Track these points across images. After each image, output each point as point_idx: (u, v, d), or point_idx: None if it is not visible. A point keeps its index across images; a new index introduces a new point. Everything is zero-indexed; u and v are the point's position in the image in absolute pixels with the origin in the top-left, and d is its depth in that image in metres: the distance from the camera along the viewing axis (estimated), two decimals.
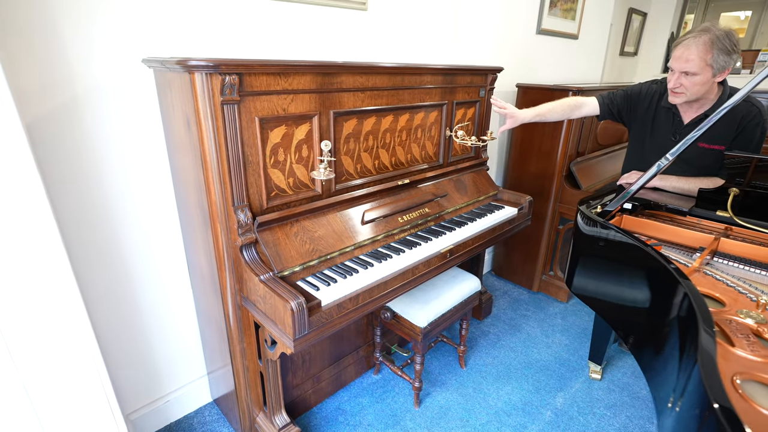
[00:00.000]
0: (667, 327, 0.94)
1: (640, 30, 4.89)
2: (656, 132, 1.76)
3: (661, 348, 0.93)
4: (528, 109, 1.92)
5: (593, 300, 1.42)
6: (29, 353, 1.00)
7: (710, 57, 1.46)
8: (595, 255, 1.41)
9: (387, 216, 1.62)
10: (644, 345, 1.08)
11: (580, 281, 1.48)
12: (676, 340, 0.86)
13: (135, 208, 1.45)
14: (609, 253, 1.33)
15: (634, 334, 1.17)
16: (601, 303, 1.39)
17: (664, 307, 0.98)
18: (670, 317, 0.93)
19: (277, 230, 1.33)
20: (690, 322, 0.81)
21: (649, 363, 1.01)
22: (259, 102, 1.22)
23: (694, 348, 0.73)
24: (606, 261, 1.35)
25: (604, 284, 1.36)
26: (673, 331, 0.90)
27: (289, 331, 1.15)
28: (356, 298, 1.31)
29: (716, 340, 0.90)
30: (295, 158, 1.37)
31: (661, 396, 0.86)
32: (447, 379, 2.02)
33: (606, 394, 1.94)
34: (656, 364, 0.94)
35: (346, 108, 1.46)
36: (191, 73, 1.10)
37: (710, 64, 1.48)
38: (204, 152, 1.17)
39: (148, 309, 1.59)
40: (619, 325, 1.28)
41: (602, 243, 1.34)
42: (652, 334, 1.03)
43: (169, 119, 1.33)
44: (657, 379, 0.91)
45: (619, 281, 1.29)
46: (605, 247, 1.33)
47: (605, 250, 1.33)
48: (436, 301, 1.73)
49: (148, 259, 1.53)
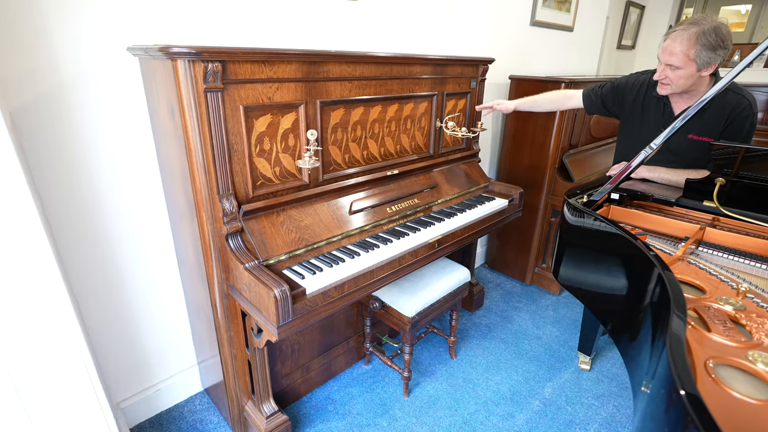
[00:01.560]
0: (642, 313, 0.94)
1: (638, 23, 4.86)
2: (646, 123, 1.76)
3: (636, 333, 0.94)
4: (519, 99, 1.98)
5: (577, 289, 1.43)
6: (11, 342, 1.01)
7: (693, 52, 1.45)
8: (579, 244, 1.42)
9: (375, 206, 1.63)
10: (622, 331, 1.09)
11: (566, 271, 1.49)
12: (650, 324, 0.86)
13: (123, 198, 1.45)
14: (591, 242, 1.33)
15: (613, 320, 1.18)
16: (584, 292, 1.40)
17: (641, 293, 0.99)
18: (645, 303, 0.94)
19: (263, 219, 1.34)
20: (663, 306, 0.81)
21: (625, 349, 1.02)
22: (244, 90, 1.22)
23: (665, 331, 0.74)
24: (589, 250, 1.36)
25: (586, 273, 1.37)
26: (647, 316, 0.90)
27: (273, 319, 1.16)
28: (342, 286, 1.32)
29: (693, 326, 0.91)
30: (281, 147, 1.37)
31: (635, 380, 0.87)
32: (437, 369, 2.03)
33: (594, 385, 1.96)
34: (632, 349, 0.95)
35: (333, 97, 1.46)
36: (174, 60, 1.09)
37: (693, 59, 1.47)
38: (188, 140, 1.18)
39: (138, 298, 1.60)
40: (600, 313, 1.29)
41: (585, 232, 1.35)
42: (628, 320, 1.04)
43: (155, 108, 1.32)
44: (632, 364, 0.92)
45: (600, 269, 1.30)
46: (588, 235, 1.34)
47: (588, 239, 1.34)
48: (425, 291, 1.73)
49: (136, 248, 1.53)
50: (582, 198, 1.52)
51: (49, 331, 1.06)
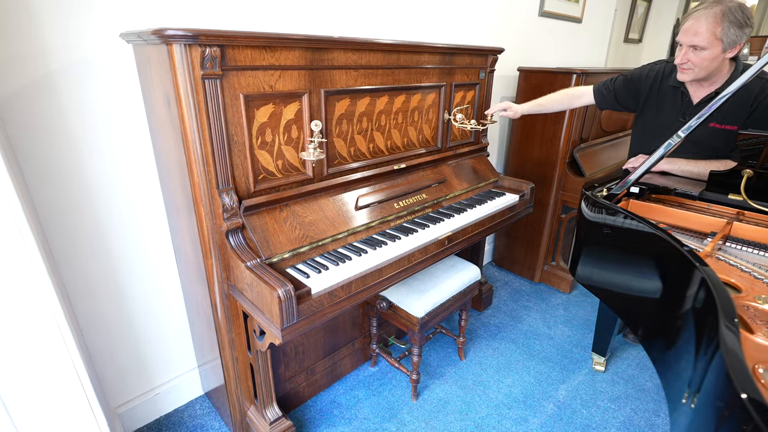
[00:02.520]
0: (680, 318, 0.87)
1: (645, 16, 4.77)
2: (663, 114, 1.68)
3: (674, 340, 0.86)
4: (526, 103, 1.91)
5: (599, 289, 1.35)
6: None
7: (720, 30, 1.38)
8: (601, 241, 1.34)
9: (382, 201, 1.55)
10: (655, 337, 1.01)
11: (585, 270, 1.41)
12: (692, 332, 0.78)
13: (118, 193, 1.38)
14: (617, 239, 1.25)
15: (644, 325, 1.10)
16: (608, 292, 1.32)
17: (678, 296, 0.91)
18: (685, 308, 0.86)
19: (265, 215, 1.27)
20: (708, 313, 0.74)
21: (660, 356, 0.94)
22: (244, 78, 1.15)
23: (713, 340, 0.66)
24: (613, 247, 1.28)
25: (611, 273, 1.29)
26: (687, 322, 0.82)
27: (277, 320, 1.09)
28: (348, 285, 1.24)
29: None
30: (284, 139, 1.30)
31: (673, 391, 0.80)
32: (446, 371, 1.96)
33: (610, 386, 1.88)
34: (668, 357, 0.87)
35: (338, 87, 1.39)
36: (169, 45, 1.02)
37: (720, 38, 1.39)
38: (185, 131, 1.10)
39: (135, 298, 1.53)
40: (628, 316, 1.21)
41: (609, 228, 1.27)
42: (663, 325, 0.96)
43: (150, 97, 1.25)
44: (669, 373, 0.85)
45: (627, 269, 1.22)
46: (613, 232, 1.26)
47: (613, 235, 1.26)
48: (434, 290, 1.66)
49: (132, 245, 1.47)
50: (601, 191, 1.44)
51: (34, 334, 0.99)
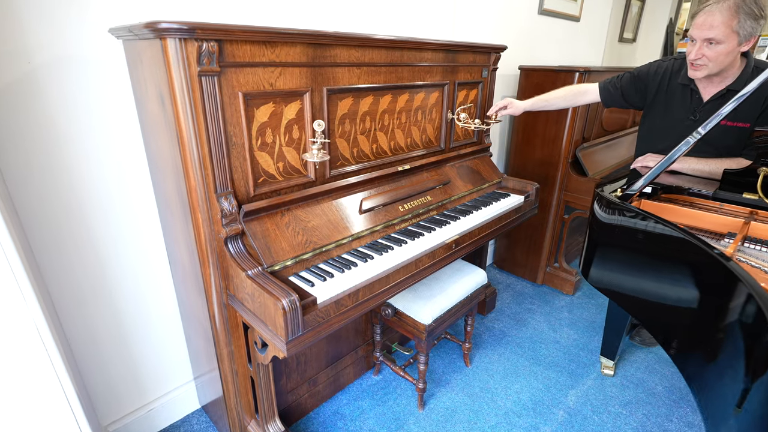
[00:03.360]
0: (721, 332, 0.81)
1: (639, 16, 4.78)
2: (671, 112, 1.64)
3: (714, 356, 0.80)
4: (528, 99, 1.87)
5: (617, 294, 1.30)
6: None
7: (736, 23, 1.34)
8: (618, 244, 1.29)
9: (386, 204, 1.49)
10: (690, 350, 0.95)
11: (599, 273, 1.36)
12: (738, 349, 0.73)
13: (108, 198, 1.31)
14: (638, 242, 1.20)
15: (674, 336, 1.04)
16: (630, 299, 1.26)
17: (718, 309, 0.85)
18: (727, 321, 0.81)
19: (266, 220, 1.20)
20: (760, 330, 0.68)
21: (696, 372, 0.88)
22: (243, 75, 1.08)
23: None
24: (634, 251, 1.23)
25: (632, 277, 1.23)
26: (731, 337, 0.77)
27: (281, 333, 1.02)
28: (356, 294, 1.18)
29: None
30: (284, 140, 1.23)
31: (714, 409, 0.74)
32: (452, 378, 1.90)
33: (620, 391, 1.84)
34: (707, 373, 0.82)
35: (341, 85, 1.33)
36: (163, 39, 0.95)
37: (736, 31, 1.36)
38: (180, 131, 1.03)
39: (126, 309, 1.45)
40: (654, 326, 1.15)
41: (628, 231, 1.22)
42: (700, 338, 0.90)
43: (142, 96, 1.18)
44: (709, 391, 0.79)
45: (651, 274, 1.16)
46: (634, 235, 1.21)
47: (633, 238, 1.21)
48: (441, 296, 1.60)
49: (124, 253, 1.39)
50: (615, 192, 1.40)
51: (16, 349, 0.91)
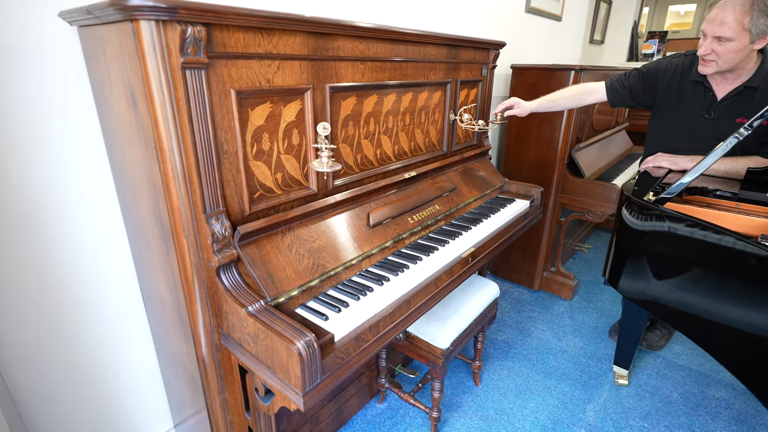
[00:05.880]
0: None
1: (606, 18, 4.88)
2: (684, 110, 1.58)
3: None
4: (534, 100, 1.78)
5: (657, 306, 1.19)
6: None
7: (749, 20, 1.29)
8: (661, 253, 1.18)
9: (395, 217, 1.33)
10: None
11: (632, 283, 1.26)
12: None
13: (62, 222, 1.06)
14: (687, 252, 1.10)
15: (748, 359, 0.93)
16: (675, 313, 1.15)
17: None
18: None
19: (265, 243, 1.00)
20: None
21: None
22: (236, 68, 0.89)
23: None
24: (683, 262, 1.12)
25: (684, 292, 1.12)
26: None
27: (297, 384, 0.83)
28: (376, 325, 1.01)
29: None
30: (283, 147, 1.05)
31: None
32: (462, 400, 1.75)
33: (637, 402, 1.76)
34: None
35: (344, 82, 1.15)
36: (134, 22, 0.75)
37: (748, 29, 1.30)
38: (159, 139, 0.82)
39: (89, 354, 1.20)
40: (716, 347, 1.04)
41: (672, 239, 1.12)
42: None
43: (105, 96, 0.96)
44: None
45: (704, 288, 1.06)
46: (680, 244, 1.10)
47: (680, 247, 1.11)
48: (457, 315, 1.45)
49: (86, 287, 1.14)
50: (646, 195, 1.30)
51: None
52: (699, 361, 2.00)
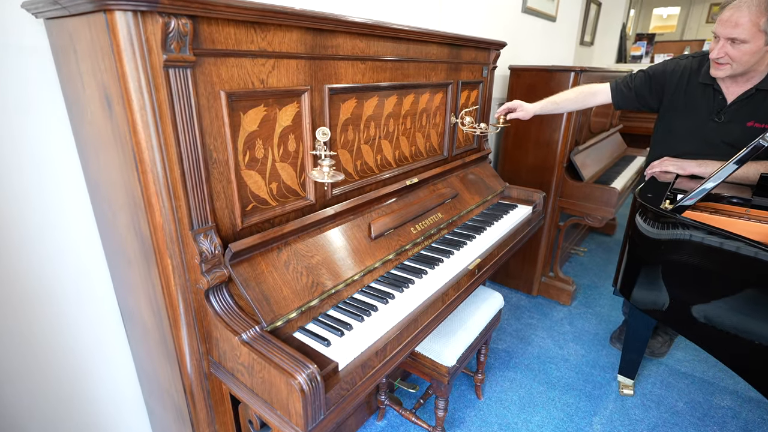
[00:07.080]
0: None
1: (596, 20, 4.89)
2: (692, 113, 1.54)
3: None
4: (538, 102, 1.72)
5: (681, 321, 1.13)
6: None
7: (764, 21, 1.24)
8: (680, 263, 1.12)
9: (398, 227, 1.25)
10: None
11: (646, 294, 1.20)
12: None
13: (32, 239, 0.95)
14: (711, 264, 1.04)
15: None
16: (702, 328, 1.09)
17: None
18: None
19: (259, 260, 0.91)
20: None
21: None
22: (226, 67, 0.80)
23: None
24: (705, 275, 1.07)
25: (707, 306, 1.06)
26: None
27: (299, 421, 0.74)
28: (383, 349, 0.92)
29: None
30: (278, 154, 0.95)
31: None
32: (465, 415, 1.68)
33: (643, 413, 1.71)
34: None
35: (344, 83, 1.07)
36: (108, 13, 0.65)
37: (763, 30, 1.26)
38: (139, 148, 0.72)
39: (65, 384, 1.08)
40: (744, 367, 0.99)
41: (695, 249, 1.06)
42: None
43: (77, 98, 0.85)
44: None
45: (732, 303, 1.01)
46: (703, 255, 1.04)
47: (703, 258, 1.05)
48: (462, 330, 1.37)
49: (59, 310, 1.03)
50: (663, 204, 1.24)
51: None
52: (702, 368, 1.96)
